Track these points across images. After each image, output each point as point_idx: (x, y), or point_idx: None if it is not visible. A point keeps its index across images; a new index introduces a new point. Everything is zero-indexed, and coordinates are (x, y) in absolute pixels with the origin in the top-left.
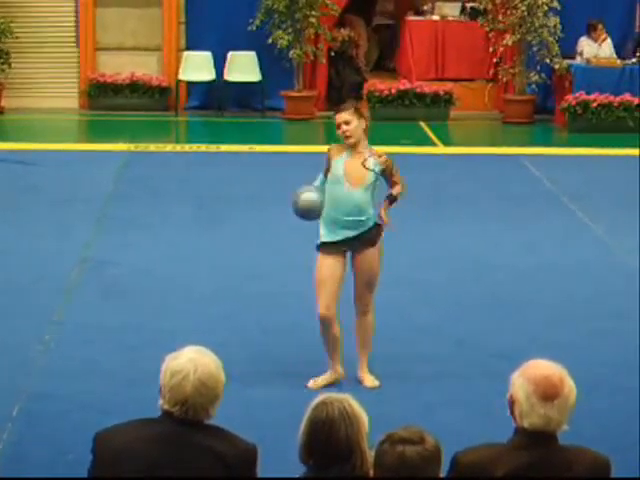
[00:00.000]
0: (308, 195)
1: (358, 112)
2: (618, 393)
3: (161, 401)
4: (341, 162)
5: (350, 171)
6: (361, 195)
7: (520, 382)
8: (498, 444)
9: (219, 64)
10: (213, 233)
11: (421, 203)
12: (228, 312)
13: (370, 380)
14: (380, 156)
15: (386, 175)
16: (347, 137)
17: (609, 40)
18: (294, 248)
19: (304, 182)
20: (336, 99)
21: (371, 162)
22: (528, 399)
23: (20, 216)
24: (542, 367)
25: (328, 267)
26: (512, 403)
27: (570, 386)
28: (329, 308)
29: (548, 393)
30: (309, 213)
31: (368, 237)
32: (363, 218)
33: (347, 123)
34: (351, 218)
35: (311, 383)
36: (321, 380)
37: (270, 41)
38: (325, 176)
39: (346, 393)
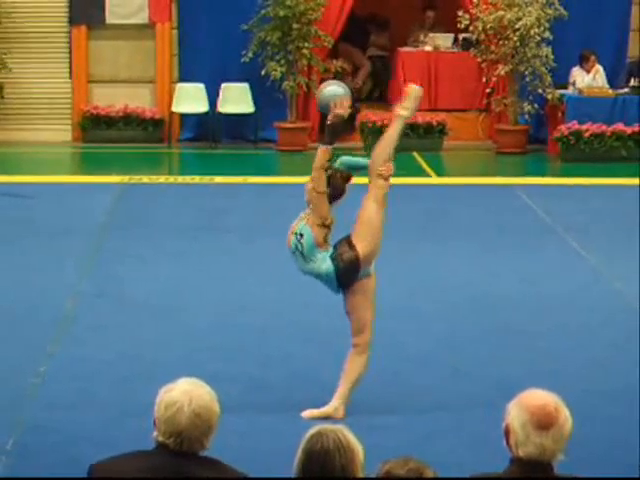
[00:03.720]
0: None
1: None
2: (614, 423)
3: (155, 433)
4: None
5: None
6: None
7: (515, 411)
8: (494, 474)
9: (212, 96)
10: (207, 265)
11: (414, 233)
12: (222, 343)
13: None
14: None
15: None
16: None
17: (601, 70)
18: (288, 279)
19: (298, 213)
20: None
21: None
22: (523, 428)
23: (14, 248)
24: (538, 396)
25: None
26: (508, 432)
27: (566, 415)
28: None
29: (543, 422)
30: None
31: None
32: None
33: None
34: None
35: (306, 413)
36: (316, 412)
37: (263, 73)
38: None
39: (341, 424)
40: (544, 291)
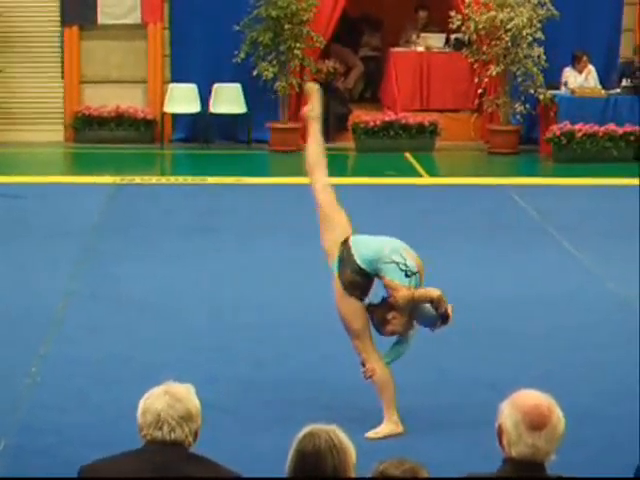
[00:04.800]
0: None
1: None
2: (606, 423)
3: (140, 431)
4: None
5: None
6: None
7: (508, 411)
8: (487, 474)
9: (204, 96)
10: (200, 265)
11: (406, 234)
12: (218, 344)
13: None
14: None
15: None
16: None
17: (593, 71)
18: (282, 279)
19: (290, 213)
20: (321, 130)
21: None
22: (516, 428)
23: (6, 249)
24: (531, 397)
25: None
26: (500, 432)
27: (559, 416)
28: None
29: (536, 422)
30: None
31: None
32: None
33: None
34: None
35: (370, 434)
36: (380, 433)
37: (255, 73)
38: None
39: (333, 425)
40: (537, 291)
